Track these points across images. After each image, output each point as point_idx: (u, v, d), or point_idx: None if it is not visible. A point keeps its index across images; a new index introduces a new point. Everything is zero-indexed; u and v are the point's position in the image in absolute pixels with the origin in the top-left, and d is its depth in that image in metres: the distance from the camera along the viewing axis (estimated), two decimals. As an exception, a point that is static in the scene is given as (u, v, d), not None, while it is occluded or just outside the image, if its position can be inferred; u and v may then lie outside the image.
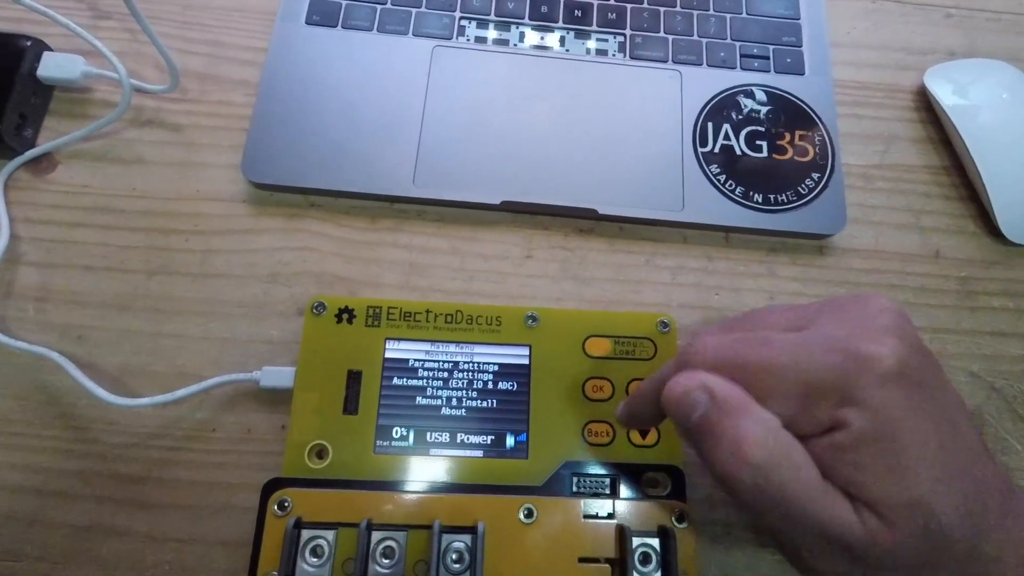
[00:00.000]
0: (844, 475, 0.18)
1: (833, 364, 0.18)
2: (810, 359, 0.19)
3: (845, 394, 0.18)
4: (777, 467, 0.18)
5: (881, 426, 0.18)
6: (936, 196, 0.35)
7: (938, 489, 0.17)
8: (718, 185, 0.33)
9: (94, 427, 0.28)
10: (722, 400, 0.19)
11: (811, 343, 0.19)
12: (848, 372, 0.18)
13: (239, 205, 0.32)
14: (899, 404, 0.18)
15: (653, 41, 0.36)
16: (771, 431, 0.18)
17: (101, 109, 0.33)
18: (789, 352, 0.19)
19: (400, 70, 0.34)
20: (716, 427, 0.19)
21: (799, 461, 0.18)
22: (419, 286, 0.31)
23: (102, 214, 0.31)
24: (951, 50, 0.38)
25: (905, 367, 0.18)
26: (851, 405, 0.18)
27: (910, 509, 0.17)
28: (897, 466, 0.18)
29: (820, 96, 0.35)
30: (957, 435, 0.18)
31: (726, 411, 0.19)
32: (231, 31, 0.35)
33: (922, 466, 0.17)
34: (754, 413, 0.19)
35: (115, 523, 0.26)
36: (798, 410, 0.19)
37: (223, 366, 0.29)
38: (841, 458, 0.18)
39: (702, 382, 0.19)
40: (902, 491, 0.17)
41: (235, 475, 0.27)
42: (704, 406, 0.19)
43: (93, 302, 0.30)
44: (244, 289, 0.30)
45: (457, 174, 0.32)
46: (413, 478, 0.26)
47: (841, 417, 0.18)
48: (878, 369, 0.18)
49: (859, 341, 0.18)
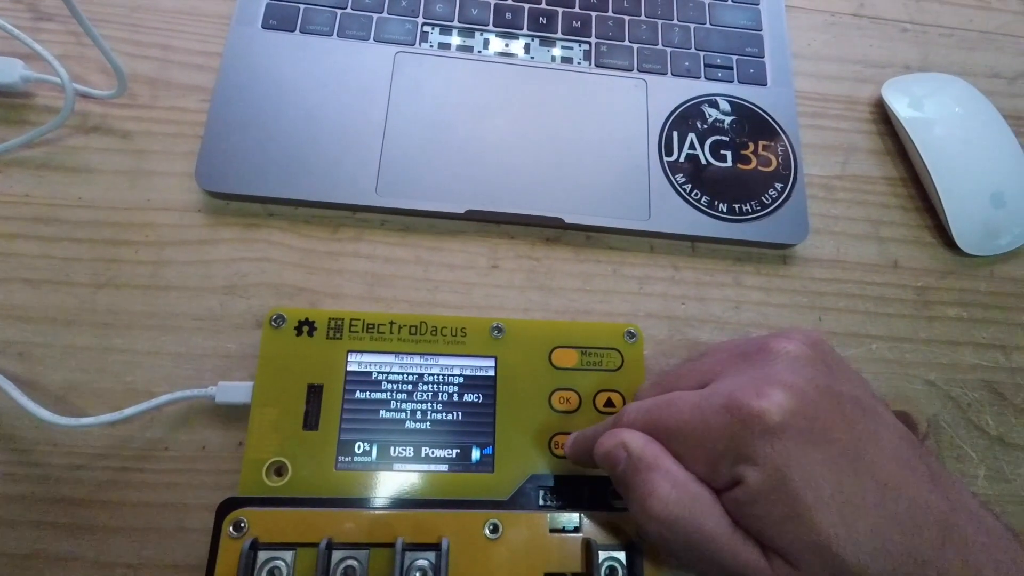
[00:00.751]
0: (750, 526, 0.19)
1: (723, 424, 0.19)
2: (704, 422, 0.20)
3: (738, 452, 0.19)
4: (679, 520, 0.20)
5: (771, 479, 0.18)
6: (894, 207, 0.35)
7: (838, 532, 0.18)
8: (684, 194, 0.33)
9: (36, 449, 0.26)
10: (636, 457, 0.21)
11: (706, 404, 0.20)
12: (736, 431, 0.19)
13: (193, 215, 0.31)
14: (786, 455, 0.18)
15: (618, 50, 0.36)
16: (676, 486, 0.20)
17: (42, 115, 0.31)
18: (688, 415, 0.21)
19: (361, 76, 0.33)
20: (631, 482, 0.21)
21: (706, 511, 0.20)
22: (383, 297, 0.30)
23: (44, 225, 0.30)
24: (907, 63, 0.39)
25: (788, 417, 0.19)
26: (744, 462, 0.19)
27: (813, 553, 0.18)
28: (792, 514, 0.18)
29: (782, 107, 0.36)
30: (864, 471, 0.18)
31: (639, 467, 0.21)
32: (183, 35, 0.34)
33: (817, 511, 0.18)
34: (663, 468, 0.20)
35: (59, 550, 0.25)
36: (707, 469, 0.20)
37: (176, 382, 0.28)
38: (743, 512, 0.19)
39: (621, 440, 0.21)
40: (802, 538, 0.18)
41: (189, 495, 0.26)
42: (623, 462, 0.21)
43: (35, 317, 0.28)
44: (199, 301, 0.29)
45: (421, 183, 0.31)
46: (376, 495, 0.26)
47: (738, 474, 0.19)
48: (761, 425, 0.19)
49: (744, 398, 0.19)
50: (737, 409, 0.19)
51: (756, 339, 0.23)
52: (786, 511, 0.18)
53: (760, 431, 0.19)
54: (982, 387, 0.32)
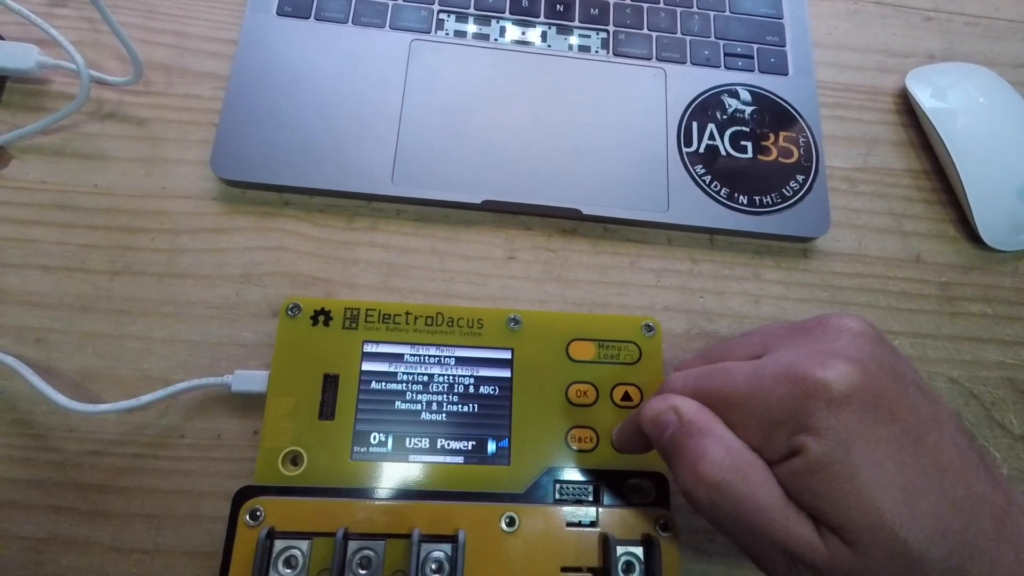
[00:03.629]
0: (805, 500, 0.19)
1: (784, 394, 0.19)
2: (762, 390, 0.19)
3: (799, 422, 0.19)
4: (732, 486, 0.19)
5: (834, 452, 0.18)
6: (917, 200, 0.35)
7: (900, 511, 0.17)
8: (703, 186, 0.33)
9: (53, 435, 0.26)
10: (688, 421, 0.20)
11: (764, 373, 0.20)
12: (798, 401, 0.19)
13: (208, 203, 0.30)
14: (851, 429, 0.18)
15: (636, 38, 0.35)
16: (731, 451, 0.19)
17: (58, 101, 0.31)
18: (744, 383, 0.20)
19: (377, 64, 0.33)
20: (681, 446, 0.20)
21: (759, 480, 0.19)
22: (398, 287, 0.30)
23: (60, 211, 0.29)
24: (930, 53, 0.39)
25: (855, 391, 0.18)
26: (805, 432, 0.18)
27: (872, 533, 0.18)
28: (853, 490, 0.18)
29: (804, 97, 0.35)
30: (925, 453, 0.18)
31: (691, 431, 0.20)
32: (197, 22, 0.33)
33: (879, 489, 0.18)
34: (716, 434, 0.20)
35: (75, 534, 0.25)
36: (761, 439, 0.20)
37: (192, 370, 0.28)
38: (800, 484, 0.19)
39: (672, 404, 0.21)
40: (862, 515, 0.18)
41: (204, 483, 0.26)
42: (673, 426, 0.20)
43: (51, 303, 0.28)
44: (214, 290, 0.29)
45: (437, 172, 0.31)
46: (391, 485, 0.26)
47: (797, 445, 0.19)
48: (826, 395, 0.18)
49: (808, 368, 0.19)
50: (801, 378, 0.19)
51: (812, 318, 0.22)
52: (847, 486, 0.18)
53: (825, 401, 0.18)
54: (1006, 385, 0.31)
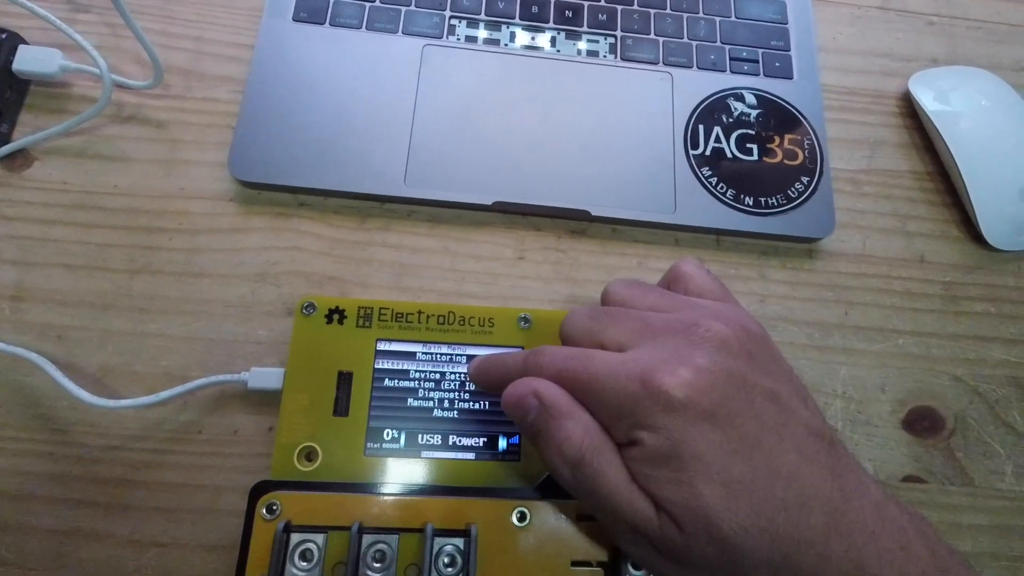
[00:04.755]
0: (642, 484, 0.21)
1: (631, 391, 0.21)
2: (616, 384, 0.21)
3: (638, 418, 0.21)
4: (590, 464, 0.21)
5: (664, 446, 0.20)
6: (921, 201, 0.35)
7: (718, 504, 0.19)
8: (709, 187, 0.33)
9: (74, 429, 0.27)
10: (549, 404, 0.22)
11: (623, 369, 0.21)
12: (640, 400, 0.21)
13: (226, 204, 0.31)
14: (682, 429, 0.20)
15: (644, 43, 0.36)
16: (588, 432, 0.21)
17: (80, 105, 0.32)
18: (602, 374, 0.22)
19: (390, 69, 0.33)
20: (544, 428, 0.22)
21: (609, 459, 0.21)
22: (410, 287, 0.31)
23: (82, 212, 0.30)
24: (933, 57, 0.39)
25: (692, 398, 0.20)
26: (642, 428, 0.21)
27: (692, 515, 0.20)
28: (678, 480, 0.20)
29: (808, 100, 0.36)
30: (759, 457, 0.20)
31: (553, 414, 0.22)
32: (215, 27, 0.34)
33: (702, 482, 0.20)
34: (576, 416, 0.22)
35: (95, 527, 0.26)
36: (610, 423, 0.22)
37: (209, 367, 0.28)
38: (638, 469, 0.21)
39: (534, 389, 0.22)
40: (683, 501, 0.20)
41: (220, 478, 0.27)
42: (535, 410, 0.22)
43: (73, 301, 0.29)
44: (231, 289, 0.30)
45: (448, 174, 0.32)
46: (404, 481, 0.26)
47: (635, 436, 0.21)
48: (664, 400, 0.20)
49: (657, 372, 0.21)
50: (648, 381, 0.21)
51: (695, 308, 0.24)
52: (674, 476, 0.20)
53: (664, 404, 0.20)
54: (1010, 383, 0.32)
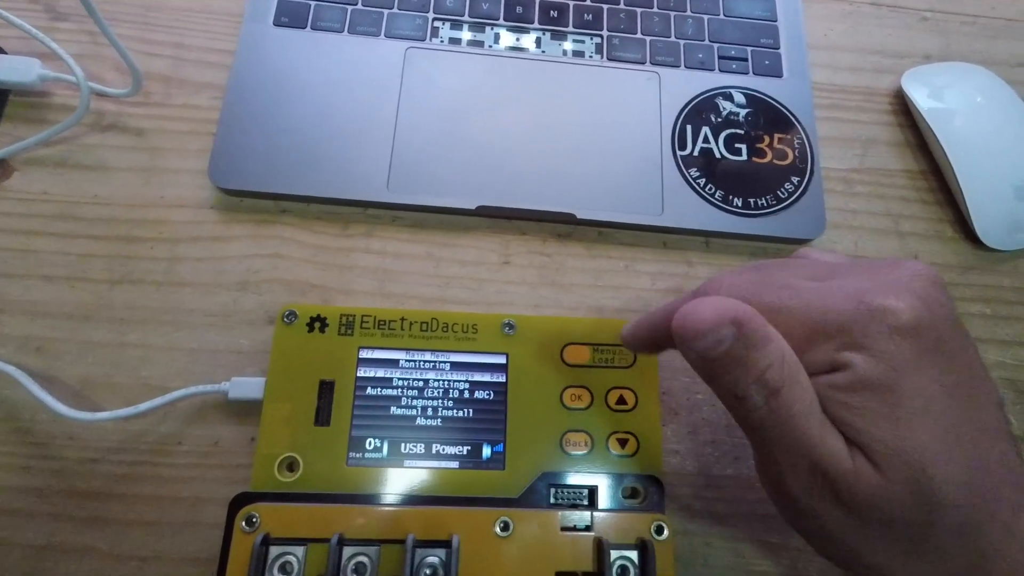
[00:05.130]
0: (839, 415, 0.18)
1: (846, 309, 0.18)
2: (824, 301, 0.19)
3: (852, 338, 0.18)
4: (787, 391, 0.18)
5: (883, 374, 0.17)
6: (914, 200, 0.35)
7: (934, 447, 0.17)
8: (698, 189, 0.33)
9: (53, 442, 0.27)
10: (749, 331, 0.19)
11: (828, 290, 0.19)
12: (859, 318, 0.18)
13: (206, 212, 0.31)
14: (906, 358, 0.17)
15: (630, 42, 0.35)
16: (786, 355, 0.19)
17: (60, 114, 0.32)
18: (803, 297, 0.19)
19: (372, 72, 0.33)
20: (741, 358, 0.19)
21: (805, 386, 0.19)
22: (394, 293, 0.30)
23: (62, 222, 0.30)
24: (927, 53, 0.38)
25: (921, 325, 0.18)
26: (856, 349, 0.18)
27: (900, 458, 0.17)
28: (892, 415, 0.17)
29: (798, 99, 0.35)
30: (971, 408, 0.18)
31: (753, 342, 0.19)
32: (195, 33, 0.34)
33: (919, 421, 0.17)
34: (775, 338, 0.19)
35: (75, 541, 0.26)
36: (806, 347, 0.19)
37: (190, 377, 0.28)
38: (838, 398, 0.18)
39: (733, 316, 0.19)
40: (894, 440, 0.17)
41: (202, 489, 0.27)
42: (729, 340, 0.19)
43: (53, 313, 0.28)
44: (212, 298, 0.29)
45: (432, 178, 0.31)
46: (387, 491, 0.26)
47: (843, 359, 0.18)
48: (890, 320, 0.18)
49: (878, 293, 0.18)
50: (870, 300, 0.18)
51: (882, 259, 0.21)
52: (886, 410, 0.17)
53: (888, 325, 0.18)
54: (1006, 385, 0.31)
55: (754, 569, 0.27)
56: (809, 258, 0.24)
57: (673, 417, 0.29)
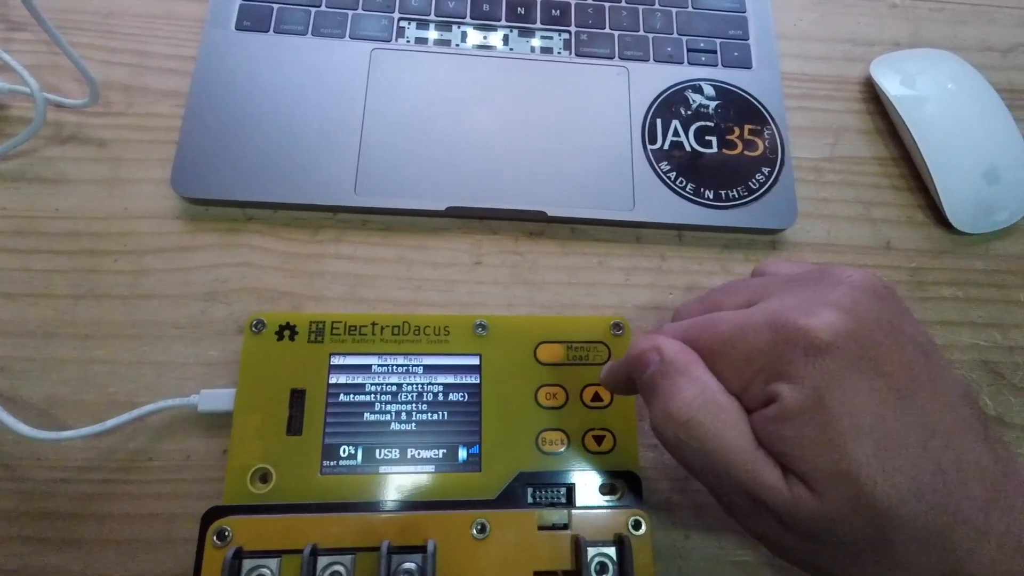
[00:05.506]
0: (775, 447, 0.18)
1: (765, 341, 0.19)
2: (744, 338, 0.19)
3: (775, 369, 0.18)
4: (700, 426, 0.19)
5: (807, 400, 0.18)
6: (885, 187, 0.35)
7: (870, 463, 0.17)
8: (669, 183, 0.32)
9: (19, 464, 0.26)
10: (669, 360, 0.20)
11: (751, 320, 0.19)
12: (776, 347, 0.18)
13: (171, 222, 0.30)
14: (828, 377, 0.17)
15: (599, 37, 0.35)
16: (704, 392, 0.19)
17: (17, 127, 0.31)
18: (728, 331, 0.20)
19: (337, 75, 0.32)
20: (658, 385, 0.20)
21: (729, 422, 0.19)
22: (366, 298, 0.30)
23: (22, 238, 0.29)
24: (896, 41, 0.38)
25: (838, 339, 0.18)
26: (781, 380, 0.18)
27: (837, 481, 0.17)
28: (823, 439, 0.17)
29: (768, 89, 0.35)
30: (912, 411, 0.17)
31: (669, 371, 0.20)
32: (156, 40, 0.33)
33: (850, 440, 0.17)
34: (693, 375, 0.20)
35: (45, 564, 0.25)
36: (741, 386, 0.19)
37: (159, 391, 0.27)
38: (772, 430, 0.18)
39: (656, 344, 0.21)
40: (829, 463, 0.17)
41: (175, 505, 0.26)
42: (654, 365, 0.20)
43: (15, 331, 0.28)
44: (180, 309, 0.29)
45: (401, 181, 0.31)
46: (362, 498, 0.26)
47: (772, 392, 0.18)
48: (805, 343, 0.18)
49: (792, 315, 0.18)
50: (782, 326, 0.18)
51: (816, 268, 0.21)
52: (817, 434, 0.17)
53: (803, 349, 0.18)
54: (979, 367, 0.31)
55: (735, 560, 0.27)
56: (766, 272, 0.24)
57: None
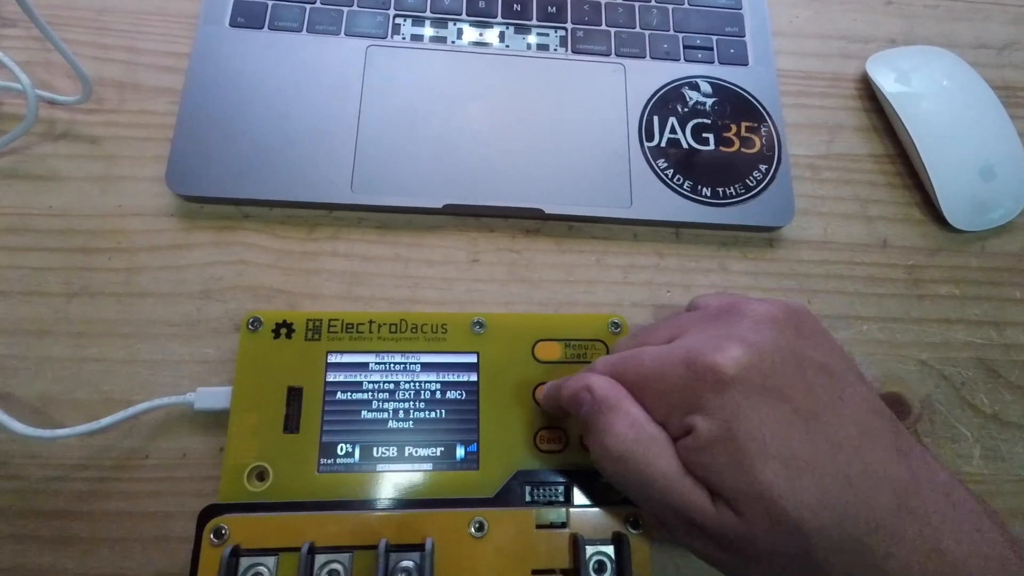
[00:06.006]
0: (698, 473, 0.20)
1: (680, 376, 0.20)
2: (664, 374, 0.21)
3: (691, 403, 0.20)
4: (634, 457, 0.21)
5: (719, 429, 0.19)
6: (882, 185, 0.35)
7: (779, 483, 0.18)
8: (666, 180, 0.32)
9: (13, 462, 0.26)
10: (600, 398, 0.22)
11: (668, 357, 0.21)
12: (691, 383, 0.20)
13: (166, 219, 0.30)
14: (735, 408, 0.19)
15: (595, 34, 0.35)
16: (635, 426, 0.21)
17: (9, 124, 0.31)
18: (649, 366, 0.21)
19: (333, 72, 0.32)
20: (593, 422, 0.22)
21: (659, 452, 0.20)
22: (362, 296, 0.30)
23: (15, 235, 0.29)
24: (891, 38, 0.39)
25: (742, 372, 0.19)
26: (695, 412, 0.20)
27: (754, 501, 0.19)
28: (737, 463, 0.19)
29: (765, 86, 0.35)
30: (817, 431, 0.19)
31: (601, 408, 0.22)
32: (150, 36, 0.33)
33: (760, 462, 0.19)
34: (623, 409, 0.21)
35: (41, 563, 0.25)
36: (664, 417, 0.21)
37: (154, 390, 0.27)
38: (693, 459, 0.20)
39: (587, 383, 0.22)
40: (744, 485, 0.19)
41: (171, 503, 0.26)
42: (587, 403, 0.22)
43: (8, 329, 0.28)
44: (174, 307, 0.29)
45: (397, 178, 0.31)
46: (359, 496, 0.25)
47: (689, 423, 0.20)
48: (714, 378, 0.19)
49: (702, 352, 0.20)
50: (693, 362, 0.20)
51: (732, 299, 0.23)
52: (730, 460, 0.19)
53: (712, 383, 0.19)
54: (976, 365, 0.31)
55: (732, 559, 0.27)
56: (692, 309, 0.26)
57: (647, 410, 0.29)
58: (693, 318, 0.24)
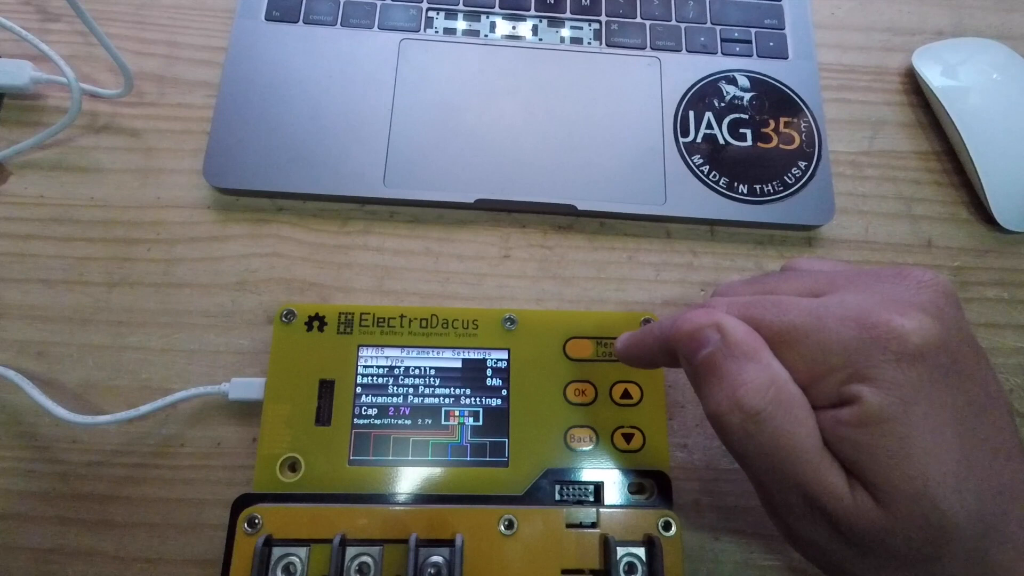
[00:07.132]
0: (845, 453, 0.17)
1: (848, 337, 0.17)
2: (822, 330, 0.17)
3: (856, 369, 0.17)
4: (772, 419, 0.17)
5: (891, 408, 0.16)
6: (927, 183, 0.34)
7: (947, 483, 0.16)
8: (701, 176, 0.32)
9: (56, 446, 0.27)
10: (734, 342, 0.18)
11: (827, 311, 0.18)
12: (862, 346, 0.17)
13: (203, 211, 0.30)
14: (916, 387, 0.16)
15: (630, 27, 0.35)
16: (776, 383, 0.18)
17: (53, 116, 0.31)
18: (800, 319, 0.18)
19: (366, 65, 0.32)
20: (720, 367, 0.18)
21: (801, 418, 0.17)
22: (393, 290, 0.30)
23: (59, 225, 0.30)
24: (939, 29, 0.37)
25: (932, 348, 0.16)
26: (862, 381, 0.17)
27: (912, 498, 0.16)
28: (901, 452, 0.16)
29: (805, 81, 0.34)
30: (985, 431, 0.17)
31: (735, 353, 0.18)
32: (188, 30, 0.34)
33: (931, 456, 0.16)
34: (763, 361, 0.18)
35: (79, 544, 0.26)
36: (808, 380, 0.18)
37: (190, 379, 0.28)
38: (843, 434, 0.17)
39: (717, 321, 0.19)
40: (905, 479, 0.16)
41: (204, 491, 0.26)
42: (714, 344, 0.18)
43: (52, 317, 0.28)
44: (210, 298, 0.29)
45: (429, 173, 0.31)
46: (389, 490, 0.26)
47: (850, 393, 0.17)
48: (899, 346, 0.16)
49: (882, 313, 0.17)
50: (873, 324, 0.17)
51: (885, 267, 0.20)
52: (895, 446, 0.16)
53: (896, 352, 0.16)
54: (1022, 373, 0.30)
55: (764, 564, 0.26)
56: (801, 269, 0.22)
57: (679, 410, 0.29)
58: (842, 272, 0.20)
